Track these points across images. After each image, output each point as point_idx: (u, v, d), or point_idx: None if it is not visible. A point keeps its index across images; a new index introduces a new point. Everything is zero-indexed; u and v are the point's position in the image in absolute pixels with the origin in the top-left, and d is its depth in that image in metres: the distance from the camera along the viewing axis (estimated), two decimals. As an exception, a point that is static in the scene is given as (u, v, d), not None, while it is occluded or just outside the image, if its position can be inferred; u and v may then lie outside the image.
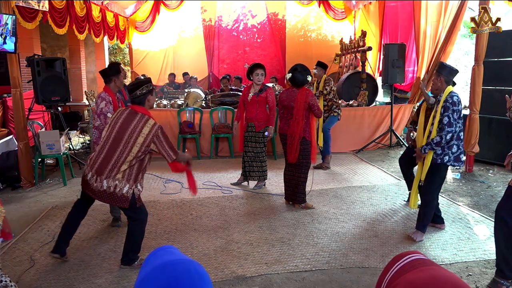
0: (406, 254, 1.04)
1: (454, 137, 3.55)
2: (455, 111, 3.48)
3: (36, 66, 5.80)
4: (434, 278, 0.91)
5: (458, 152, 3.63)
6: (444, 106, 3.52)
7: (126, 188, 3.00)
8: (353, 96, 8.39)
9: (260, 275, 3.13)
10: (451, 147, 3.58)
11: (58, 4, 6.32)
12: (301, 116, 4.45)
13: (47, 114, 6.66)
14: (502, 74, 6.09)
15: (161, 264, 0.93)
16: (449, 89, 3.60)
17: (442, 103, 3.55)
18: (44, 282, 3.07)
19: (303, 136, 4.49)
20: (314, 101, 4.47)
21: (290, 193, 4.69)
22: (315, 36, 12.18)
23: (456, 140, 3.59)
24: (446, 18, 7.10)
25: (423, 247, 3.61)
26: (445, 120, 3.49)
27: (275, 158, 6.92)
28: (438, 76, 3.66)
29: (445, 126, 3.48)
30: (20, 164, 5.43)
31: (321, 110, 4.69)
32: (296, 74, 4.45)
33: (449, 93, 3.56)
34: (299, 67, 4.48)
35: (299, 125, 4.45)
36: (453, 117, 3.48)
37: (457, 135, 3.58)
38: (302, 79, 4.45)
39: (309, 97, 4.43)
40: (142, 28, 11.10)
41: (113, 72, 3.91)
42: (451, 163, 3.63)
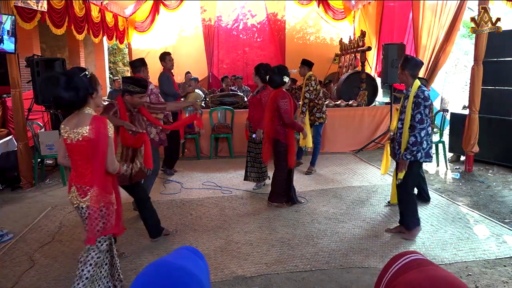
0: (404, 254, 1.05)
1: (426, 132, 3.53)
2: (426, 107, 3.45)
3: (36, 67, 5.80)
4: (432, 278, 0.91)
5: (427, 147, 3.59)
6: (416, 102, 3.45)
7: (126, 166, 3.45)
8: (352, 96, 8.39)
9: (260, 275, 3.13)
10: (421, 143, 3.53)
11: (56, 4, 6.31)
12: (270, 117, 4.43)
13: (46, 115, 6.66)
14: (502, 74, 6.09)
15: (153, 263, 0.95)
16: (417, 84, 3.52)
17: (412, 98, 3.48)
18: (44, 283, 3.06)
19: (278, 138, 4.46)
20: (283, 104, 4.34)
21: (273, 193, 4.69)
22: (315, 36, 12.18)
23: (425, 135, 3.54)
24: (445, 18, 7.10)
25: (423, 247, 3.61)
26: (417, 117, 3.44)
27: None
28: (403, 70, 3.57)
29: (417, 124, 3.44)
30: (19, 164, 5.43)
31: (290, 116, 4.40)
32: (273, 76, 4.44)
33: (419, 87, 3.49)
34: (276, 69, 4.46)
35: (270, 126, 4.45)
36: (424, 113, 3.44)
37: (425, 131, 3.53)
38: (279, 80, 4.41)
39: (279, 99, 4.35)
40: (141, 28, 11.10)
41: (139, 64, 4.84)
42: (423, 159, 3.59)
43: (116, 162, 2.54)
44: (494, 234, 3.82)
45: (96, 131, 2.37)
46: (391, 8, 9.52)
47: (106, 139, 2.40)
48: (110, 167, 2.48)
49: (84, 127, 2.38)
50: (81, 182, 2.44)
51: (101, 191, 2.44)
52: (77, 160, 2.45)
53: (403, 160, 3.55)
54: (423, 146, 3.54)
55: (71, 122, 2.44)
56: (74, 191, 2.48)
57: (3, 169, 5.45)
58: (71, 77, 2.35)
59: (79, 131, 2.38)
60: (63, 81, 2.32)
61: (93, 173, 2.42)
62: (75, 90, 2.34)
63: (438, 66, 7.46)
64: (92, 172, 2.43)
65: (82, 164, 2.45)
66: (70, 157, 2.51)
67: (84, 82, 2.39)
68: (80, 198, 2.45)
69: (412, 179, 3.69)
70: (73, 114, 2.47)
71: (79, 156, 2.44)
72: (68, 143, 2.43)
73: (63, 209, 4.65)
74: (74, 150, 2.43)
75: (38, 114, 6.59)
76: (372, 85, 8.84)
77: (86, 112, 2.44)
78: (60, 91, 2.31)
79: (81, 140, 2.38)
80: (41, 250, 3.61)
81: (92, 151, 2.39)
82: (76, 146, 2.40)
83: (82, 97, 2.39)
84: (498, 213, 4.39)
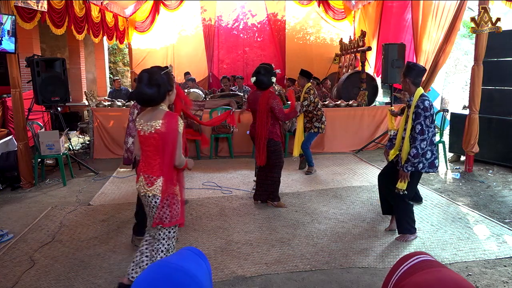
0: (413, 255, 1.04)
1: (427, 143, 3.48)
2: (427, 117, 3.38)
3: (36, 67, 5.79)
4: (440, 279, 0.91)
5: (432, 157, 3.55)
6: (416, 112, 3.40)
7: None
8: (352, 96, 8.39)
9: (260, 275, 3.13)
10: (424, 154, 3.49)
11: (57, 4, 6.31)
12: (265, 119, 4.44)
13: (46, 115, 6.65)
14: (502, 74, 6.09)
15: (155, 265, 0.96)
16: (419, 92, 3.47)
17: (413, 108, 3.45)
18: (44, 283, 3.06)
19: (271, 137, 4.48)
20: (276, 104, 4.38)
21: (262, 192, 4.69)
22: (315, 37, 12.18)
23: (429, 145, 3.49)
24: (445, 18, 7.09)
25: (423, 247, 3.60)
26: (418, 129, 3.38)
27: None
28: (405, 78, 3.54)
29: (418, 135, 3.37)
30: (19, 164, 5.43)
31: (285, 115, 4.50)
32: (259, 77, 4.42)
33: (420, 97, 3.44)
34: (262, 70, 4.45)
35: (264, 128, 4.45)
36: (425, 123, 3.38)
37: (430, 140, 3.48)
38: (267, 81, 4.41)
39: (270, 100, 4.38)
40: (141, 28, 11.10)
41: None
42: (426, 170, 3.55)
43: (183, 157, 2.66)
44: (494, 234, 3.82)
45: (168, 125, 2.54)
46: (391, 8, 9.53)
47: (176, 134, 2.56)
48: (177, 161, 2.61)
49: (157, 121, 2.55)
50: (149, 172, 2.62)
51: (166, 182, 2.60)
52: (148, 152, 2.63)
53: (404, 172, 3.49)
54: (426, 156, 3.50)
55: (145, 116, 2.63)
56: (142, 180, 2.65)
57: (3, 169, 5.45)
58: (153, 74, 2.54)
59: (152, 124, 2.55)
60: (146, 78, 2.52)
61: (161, 164, 2.59)
62: (157, 86, 2.53)
63: (438, 66, 7.45)
64: (160, 163, 2.59)
65: (152, 155, 2.62)
66: (141, 148, 2.69)
67: (164, 79, 2.57)
68: (147, 187, 2.62)
69: (411, 189, 3.67)
70: (149, 109, 2.66)
71: (149, 148, 2.61)
72: (141, 135, 2.62)
73: (63, 209, 4.65)
74: (146, 141, 2.61)
75: (38, 114, 6.59)
76: (372, 85, 8.84)
77: (161, 108, 2.61)
78: (143, 88, 2.51)
79: (153, 132, 2.55)
80: (41, 250, 3.61)
81: (162, 144, 2.56)
82: (148, 138, 2.59)
83: (163, 94, 2.57)
84: (498, 213, 4.39)
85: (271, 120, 4.46)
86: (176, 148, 2.57)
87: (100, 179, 5.87)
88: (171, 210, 2.64)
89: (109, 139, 7.21)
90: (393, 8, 9.43)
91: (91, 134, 7.19)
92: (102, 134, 7.18)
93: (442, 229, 3.97)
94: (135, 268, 2.80)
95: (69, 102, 7.52)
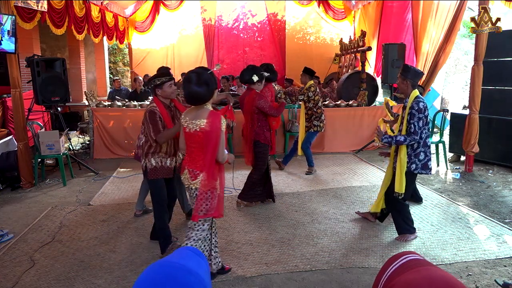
0: (402, 254, 1.05)
1: (420, 144, 3.53)
2: (420, 119, 3.44)
3: (36, 67, 5.79)
4: (430, 278, 0.91)
5: (425, 159, 3.58)
6: (410, 113, 3.48)
7: (142, 161, 3.45)
8: (352, 96, 8.39)
9: (260, 275, 3.13)
10: (418, 155, 3.55)
11: (57, 4, 6.32)
12: (250, 120, 4.47)
13: (46, 115, 6.66)
14: (502, 74, 6.09)
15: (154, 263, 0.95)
16: (414, 94, 3.54)
17: (408, 109, 3.51)
18: (44, 283, 3.06)
19: (257, 139, 4.50)
20: (263, 103, 4.40)
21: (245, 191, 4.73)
22: (315, 37, 12.18)
23: (423, 147, 3.55)
24: (445, 18, 7.10)
25: (423, 247, 3.61)
26: (411, 128, 3.46)
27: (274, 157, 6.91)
28: (404, 79, 3.58)
29: (412, 134, 3.46)
30: (19, 164, 5.43)
31: (275, 110, 4.52)
32: (242, 72, 4.48)
33: (415, 98, 3.51)
34: (249, 67, 4.50)
35: (250, 128, 4.49)
36: (418, 125, 3.44)
37: (423, 142, 3.54)
38: (247, 77, 4.43)
39: (256, 101, 4.40)
40: (141, 28, 11.10)
41: None
42: (419, 171, 3.59)
43: (225, 153, 2.80)
44: (494, 234, 3.82)
45: (211, 124, 2.70)
46: (391, 8, 9.53)
47: (219, 132, 2.72)
48: (220, 157, 2.77)
49: (202, 119, 2.71)
50: (193, 166, 2.80)
51: (208, 177, 2.75)
52: (192, 147, 2.81)
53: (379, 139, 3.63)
54: (419, 157, 3.55)
55: (190, 114, 2.80)
56: (186, 174, 2.84)
57: (3, 169, 5.45)
58: (201, 74, 2.71)
59: (197, 122, 2.72)
60: (195, 78, 2.69)
61: (204, 160, 2.75)
62: (206, 85, 2.70)
63: (438, 66, 7.46)
64: (203, 159, 2.76)
65: (196, 151, 2.79)
66: (186, 144, 2.86)
67: (211, 78, 2.74)
68: (191, 180, 2.81)
69: (407, 190, 3.67)
70: (193, 107, 2.82)
71: (194, 144, 2.79)
72: (187, 132, 2.79)
73: (63, 209, 4.65)
74: (190, 138, 2.79)
75: (38, 114, 6.59)
76: (372, 85, 8.84)
77: (205, 107, 2.78)
78: (193, 87, 2.68)
79: (198, 130, 2.72)
80: (41, 250, 3.61)
81: (206, 141, 2.72)
82: (193, 136, 2.76)
83: (211, 91, 2.75)
84: (498, 213, 4.39)
85: (259, 122, 4.49)
86: (218, 145, 2.72)
87: (100, 179, 5.87)
88: (209, 203, 2.78)
89: (109, 139, 7.21)
90: (393, 8, 9.44)
91: (91, 134, 7.19)
92: (102, 134, 7.18)
93: (442, 229, 3.97)
94: None
95: (69, 102, 7.52)
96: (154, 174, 3.38)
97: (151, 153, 3.37)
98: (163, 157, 3.39)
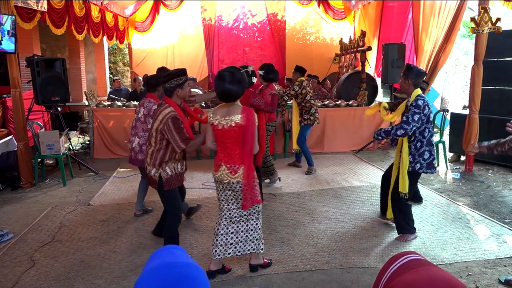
0: (402, 255, 1.04)
1: (424, 143, 3.53)
2: (416, 113, 3.45)
3: (36, 67, 5.79)
4: (430, 278, 0.91)
5: (430, 158, 3.58)
6: (408, 109, 3.53)
7: (153, 171, 3.23)
8: (352, 96, 8.39)
9: (260, 275, 3.13)
10: (422, 154, 3.54)
11: (57, 4, 6.31)
12: None
13: (46, 115, 6.66)
14: (502, 74, 6.09)
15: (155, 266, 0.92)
16: (416, 93, 3.56)
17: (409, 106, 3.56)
18: (44, 283, 3.06)
19: None
20: (258, 101, 4.48)
21: None
22: (315, 36, 12.18)
23: (427, 146, 3.55)
24: (445, 18, 7.10)
25: (423, 247, 3.61)
26: (403, 119, 3.50)
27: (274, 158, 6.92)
28: (406, 79, 3.60)
29: (401, 123, 3.48)
30: (19, 164, 5.43)
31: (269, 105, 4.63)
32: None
33: (416, 96, 3.54)
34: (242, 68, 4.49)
35: None
36: (412, 117, 3.45)
37: (427, 140, 3.54)
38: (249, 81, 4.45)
39: (250, 100, 4.43)
40: (141, 28, 11.10)
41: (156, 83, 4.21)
42: (424, 170, 3.58)
43: (257, 145, 2.95)
44: (494, 234, 3.82)
45: (247, 119, 2.82)
46: (391, 8, 9.53)
47: (254, 126, 2.86)
48: (256, 149, 2.92)
49: (237, 115, 2.83)
50: (231, 161, 2.90)
51: (248, 169, 2.88)
52: (227, 143, 2.90)
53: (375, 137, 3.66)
54: (424, 157, 3.54)
55: (220, 111, 2.90)
56: (224, 170, 2.92)
57: (3, 169, 5.45)
58: (234, 73, 2.84)
59: (231, 118, 2.83)
60: (229, 77, 2.81)
61: (242, 154, 2.88)
62: (239, 83, 2.83)
63: (438, 66, 7.46)
64: (240, 153, 2.88)
65: (231, 147, 2.89)
66: (218, 141, 2.95)
67: (243, 76, 2.89)
68: (232, 175, 2.90)
69: (411, 189, 3.67)
70: (222, 105, 2.94)
71: (229, 140, 2.87)
72: (219, 129, 2.87)
73: (63, 209, 4.65)
74: (225, 134, 2.87)
75: (38, 114, 6.59)
76: (372, 85, 8.85)
77: (236, 104, 2.90)
78: (227, 85, 2.80)
79: (234, 126, 2.82)
80: (41, 250, 3.61)
81: (242, 135, 2.83)
82: (228, 131, 2.85)
83: (243, 89, 2.88)
84: (498, 213, 4.39)
85: None
86: (254, 138, 2.85)
87: (100, 179, 5.88)
88: (254, 192, 2.93)
89: (109, 139, 7.21)
90: (394, 8, 9.44)
91: (91, 134, 7.19)
92: (102, 134, 7.18)
93: (442, 229, 3.97)
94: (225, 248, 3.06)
95: (69, 102, 7.52)
96: (170, 184, 3.22)
97: (166, 161, 3.20)
98: (176, 163, 3.27)
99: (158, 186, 3.23)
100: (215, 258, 3.06)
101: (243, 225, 3.08)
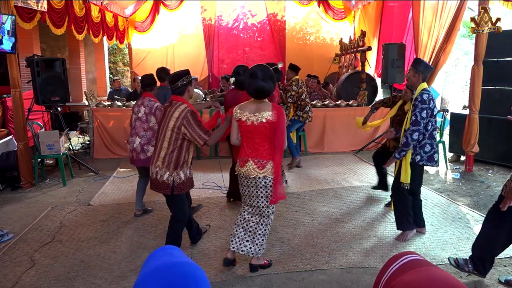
0: (402, 255, 1.04)
1: (425, 136, 3.51)
2: (423, 109, 3.43)
3: (36, 67, 5.79)
4: (430, 278, 0.91)
5: (432, 151, 3.57)
6: (414, 104, 3.49)
7: (166, 176, 3.15)
8: (352, 96, 8.39)
9: (260, 275, 3.13)
10: (423, 146, 3.54)
11: (57, 4, 6.31)
12: None
13: (46, 115, 6.66)
14: (502, 74, 6.09)
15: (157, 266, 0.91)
16: (422, 86, 3.54)
17: (413, 101, 3.53)
18: (44, 283, 3.06)
19: None
20: None
21: (234, 190, 4.64)
22: (315, 36, 12.18)
23: (429, 139, 3.54)
24: (446, 18, 7.10)
25: (423, 247, 3.61)
26: (412, 118, 3.46)
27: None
28: (416, 72, 3.58)
29: (411, 125, 3.45)
30: (19, 164, 5.43)
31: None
32: (239, 78, 4.40)
33: (421, 90, 3.51)
34: (241, 71, 4.45)
35: None
36: (420, 115, 3.43)
37: (429, 133, 3.53)
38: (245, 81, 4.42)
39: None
40: (141, 28, 11.10)
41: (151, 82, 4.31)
42: (424, 163, 3.58)
43: (286, 141, 2.99)
44: (494, 234, 3.81)
45: (278, 115, 2.88)
46: (391, 8, 9.53)
47: (284, 123, 2.94)
48: (284, 145, 2.97)
49: (267, 112, 2.88)
50: (259, 157, 2.93)
51: (275, 164, 2.93)
52: (256, 139, 2.93)
53: (392, 158, 3.63)
54: (424, 149, 3.54)
55: (248, 108, 2.94)
56: (251, 165, 2.94)
57: (3, 169, 5.45)
58: (265, 70, 2.90)
59: (262, 114, 2.88)
60: (261, 74, 2.87)
61: (270, 149, 2.93)
62: (271, 80, 2.90)
63: (438, 66, 7.45)
64: (268, 149, 2.93)
65: (260, 142, 2.93)
66: (245, 137, 2.98)
67: (273, 74, 2.94)
68: (259, 170, 2.93)
69: (415, 182, 3.67)
70: (251, 101, 2.99)
71: (258, 136, 2.92)
72: (248, 125, 2.92)
73: (63, 209, 4.65)
74: (254, 130, 2.91)
75: (38, 114, 6.59)
76: (372, 85, 8.84)
77: (265, 101, 2.96)
78: (260, 83, 2.86)
79: (265, 122, 2.87)
80: (41, 250, 3.61)
81: (273, 131, 2.88)
82: (258, 127, 2.89)
83: (274, 86, 2.94)
84: (498, 213, 4.38)
85: None
86: (284, 134, 2.91)
87: (100, 179, 5.87)
88: (280, 188, 2.97)
89: (109, 139, 7.21)
90: (394, 8, 9.43)
91: (91, 134, 7.19)
92: (102, 134, 7.18)
93: (442, 229, 3.97)
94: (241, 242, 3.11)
95: (69, 102, 7.52)
96: (182, 189, 3.20)
97: (181, 165, 3.17)
98: (188, 168, 3.24)
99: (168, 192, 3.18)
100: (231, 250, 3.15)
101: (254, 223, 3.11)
